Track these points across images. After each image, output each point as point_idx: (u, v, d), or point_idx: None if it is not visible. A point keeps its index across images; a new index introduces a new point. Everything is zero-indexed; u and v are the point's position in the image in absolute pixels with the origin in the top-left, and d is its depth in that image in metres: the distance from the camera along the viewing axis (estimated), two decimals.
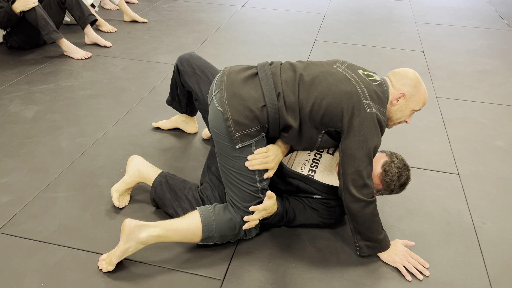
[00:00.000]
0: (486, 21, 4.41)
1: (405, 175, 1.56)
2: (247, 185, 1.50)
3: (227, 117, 1.43)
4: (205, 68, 1.87)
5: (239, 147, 1.46)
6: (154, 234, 1.44)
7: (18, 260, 1.50)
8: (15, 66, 2.96)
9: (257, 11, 4.43)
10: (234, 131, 1.44)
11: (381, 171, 1.55)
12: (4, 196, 1.79)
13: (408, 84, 1.55)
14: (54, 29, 2.99)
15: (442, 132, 2.39)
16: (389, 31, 3.99)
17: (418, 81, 1.56)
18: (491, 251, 1.63)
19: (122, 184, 1.76)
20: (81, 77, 2.86)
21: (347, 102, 1.44)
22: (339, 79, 1.49)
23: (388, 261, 1.55)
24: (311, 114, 1.46)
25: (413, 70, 1.59)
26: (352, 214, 1.48)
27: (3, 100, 2.54)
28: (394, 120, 1.59)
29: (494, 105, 2.71)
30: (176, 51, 3.33)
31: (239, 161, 1.49)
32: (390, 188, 1.57)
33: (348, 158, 1.44)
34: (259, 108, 1.43)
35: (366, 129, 1.43)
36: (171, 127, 2.29)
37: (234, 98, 1.45)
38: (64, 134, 2.22)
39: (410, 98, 1.55)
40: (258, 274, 1.49)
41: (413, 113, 1.59)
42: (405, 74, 1.57)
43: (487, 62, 3.37)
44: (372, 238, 1.51)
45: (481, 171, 2.08)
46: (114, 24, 3.87)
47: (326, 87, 1.46)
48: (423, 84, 1.58)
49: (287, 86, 1.47)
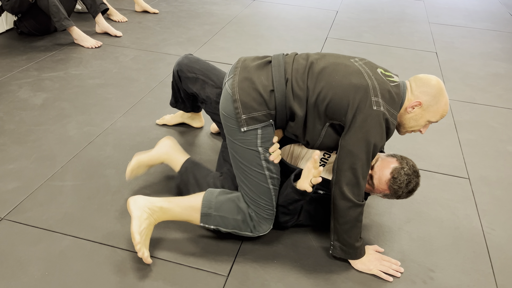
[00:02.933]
0: (501, 24, 4.35)
1: (414, 182, 1.50)
2: (253, 172, 1.47)
3: (235, 98, 1.43)
4: (207, 71, 1.81)
5: (244, 130, 1.44)
6: (157, 204, 1.48)
7: (22, 248, 1.50)
8: (25, 52, 2.95)
9: (269, 6, 4.39)
10: (240, 113, 1.43)
11: (390, 177, 1.49)
12: (11, 182, 1.79)
13: (427, 93, 1.46)
14: (65, 17, 2.98)
15: (453, 135, 2.36)
16: (402, 30, 3.94)
17: (440, 92, 1.47)
18: (499, 257, 1.61)
19: (146, 157, 1.74)
20: (90, 65, 2.85)
21: (354, 95, 1.40)
22: (351, 72, 1.44)
23: (363, 269, 1.51)
24: (316, 103, 1.43)
25: (438, 79, 1.49)
26: (336, 212, 1.44)
27: (12, 86, 2.53)
28: (406, 128, 1.53)
29: (506, 110, 2.67)
30: (187, 43, 3.31)
31: (243, 145, 1.46)
32: (397, 195, 1.52)
33: (345, 153, 1.40)
34: (267, 92, 1.43)
35: (369, 126, 1.38)
36: (176, 122, 2.26)
37: (245, 81, 1.45)
38: (72, 123, 2.22)
39: (427, 108, 1.47)
40: (263, 271, 1.48)
41: (429, 124, 1.51)
42: (427, 81, 1.48)
43: (501, 65, 3.33)
44: (348, 244, 1.47)
45: (491, 176, 2.05)
46: (125, 14, 3.85)
47: (335, 77, 1.43)
48: (446, 95, 1.48)
49: (296, 73, 1.45)
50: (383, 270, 1.50)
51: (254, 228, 1.51)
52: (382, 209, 1.79)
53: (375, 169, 1.51)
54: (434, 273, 1.52)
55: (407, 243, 1.64)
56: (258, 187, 1.48)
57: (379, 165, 1.51)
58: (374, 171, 1.51)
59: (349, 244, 1.47)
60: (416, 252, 1.60)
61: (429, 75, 1.51)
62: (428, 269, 1.53)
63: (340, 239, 1.48)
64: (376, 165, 1.52)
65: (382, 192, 1.53)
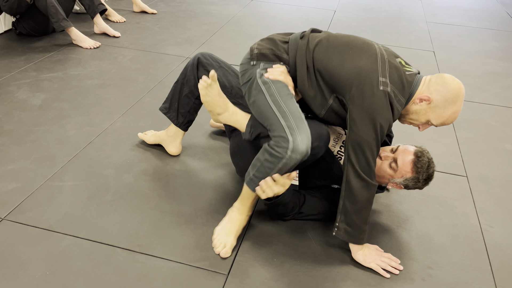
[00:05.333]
0: (498, 22, 4.37)
1: (432, 167, 1.55)
2: (259, 98, 1.48)
3: (253, 48, 1.56)
4: (228, 65, 1.85)
5: (253, 64, 1.53)
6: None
7: (23, 248, 1.50)
8: (24, 53, 2.96)
9: (267, 6, 4.40)
10: (254, 51, 1.55)
11: (413, 157, 1.52)
12: (11, 183, 1.79)
13: (441, 93, 1.42)
14: (63, 17, 2.98)
15: (451, 134, 2.37)
16: (400, 29, 3.96)
17: (455, 98, 1.41)
18: (498, 255, 1.62)
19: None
20: (89, 66, 2.85)
21: (361, 73, 1.41)
22: (365, 49, 1.46)
23: (362, 261, 1.51)
24: (320, 73, 1.48)
25: (461, 86, 1.43)
26: (349, 190, 1.43)
27: (11, 87, 2.53)
28: (407, 118, 1.53)
29: (504, 108, 2.68)
30: (185, 43, 3.31)
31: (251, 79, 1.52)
32: (418, 178, 1.53)
33: (354, 134, 1.41)
34: (282, 42, 1.56)
35: (375, 107, 1.39)
36: (154, 142, 2.06)
37: (265, 39, 1.59)
38: (71, 123, 2.22)
39: (434, 108, 1.44)
40: (262, 270, 1.48)
41: (429, 125, 1.51)
42: (448, 82, 1.42)
43: (498, 64, 3.34)
44: (355, 225, 1.46)
45: (489, 174, 2.06)
46: (124, 14, 3.86)
47: (348, 52, 1.46)
48: (459, 106, 1.43)
49: (314, 38, 1.54)
50: (382, 266, 1.51)
51: (279, 150, 1.38)
52: (381, 208, 1.80)
53: (399, 152, 1.56)
54: (432, 270, 1.53)
55: (406, 240, 1.65)
56: (263, 112, 1.45)
57: (401, 149, 1.56)
58: (398, 153, 1.56)
59: (356, 225, 1.46)
60: (414, 250, 1.61)
61: (455, 78, 1.45)
62: (426, 267, 1.54)
63: (348, 220, 1.46)
64: (399, 149, 1.57)
65: (403, 176, 1.54)
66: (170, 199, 1.76)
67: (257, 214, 1.72)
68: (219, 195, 1.80)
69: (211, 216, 1.69)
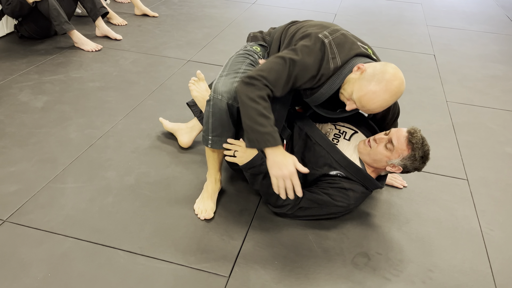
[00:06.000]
0: (498, 26, 4.38)
1: (427, 144, 1.58)
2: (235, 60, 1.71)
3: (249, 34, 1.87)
4: None
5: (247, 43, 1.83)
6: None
7: (25, 250, 1.51)
8: (26, 56, 2.97)
9: (267, 9, 4.41)
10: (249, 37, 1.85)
11: (407, 134, 1.57)
12: (13, 185, 1.80)
13: (374, 69, 1.43)
14: (65, 20, 2.99)
15: (452, 137, 2.38)
16: (400, 33, 3.97)
17: (383, 79, 1.40)
18: (498, 258, 1.62)
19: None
20: (90, 69, 2.86)
21: (310, 29, 1.56)
22: (329, 24, 1.61)
23: (269, 168, 1.44)
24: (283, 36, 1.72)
25: (398, 75, 1.42)
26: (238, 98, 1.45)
27: (13, 90, 2.54)
28: (341, 87, 1.52)
29: (504, 111, 2.69)
30: (186, 46, 3.32)
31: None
32: (414, 155, 1.56)
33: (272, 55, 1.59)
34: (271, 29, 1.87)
35: (304, 45, 1.48)
36: (170, 129, 2.14)
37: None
38: (73, 125, 2.23)
39: (361, 79, 1.44)
40: (263, 272, 1.49)
41: (352, 102, 1.49)
42: (388, 67, 1.43)
43: (498, 67, 3.35)
44: (250, 128, 1.40)
45: (490, 177, 2.07)
46: (125, 17, 3.87)
47: (312, 25, 1.61)
48: (384, 91, 1.40)
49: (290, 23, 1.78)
50: (280, 185, 1.44)
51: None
52: (382, 210, 1.80)
53: (392, 133, 1.61)
54: (433, 273, 1.53)
55: (406, 243, 1.65)
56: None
57: (394, 130, 1.62)
58: (391, 134, 1.60)
59: (251, 128, 1.40)
60: (415, 253, 1.61)
61: (399, 72, 1.44)
62: (427, 270, 1.55)
63: (244, 126, 1.42)
64: (392, 130, 1.62)
65: (400, 155, 1.57)
66: (171, 202, 1.77)
67: (257, 217, 1.72)
68: (220, 197, 1.81)
69: (212, 219, 1.70)
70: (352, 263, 1.55)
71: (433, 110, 2.64)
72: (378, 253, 1.60)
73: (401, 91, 1.45)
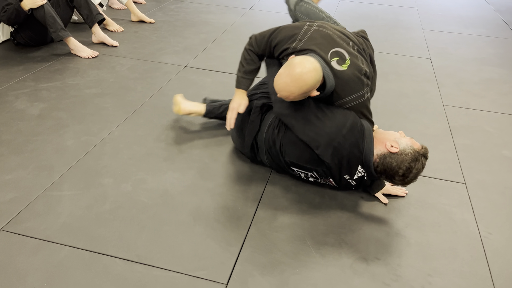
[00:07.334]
0: (494, 29, 4.40)
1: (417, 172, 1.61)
2: None
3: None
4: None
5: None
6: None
7: (21, 258, 1.49)
8: (22, 63, 2.96)
9: (264, 14, 4.42)
10: None
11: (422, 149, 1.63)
12: (9, 193, 1.79)
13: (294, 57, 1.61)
14: (62, 27, 2.99)
15: (449, 140, 2.38)
16: (396, 37, 3.98)
17: (288, 64, 1.57)
18: (497, 261, 1.61)
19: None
20: (87, 75, 2.86)
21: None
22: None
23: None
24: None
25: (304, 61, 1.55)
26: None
27: (9, 97, 2.53)
28: None
29: (501, 115, 2.69)
30: (183, 52, 3.33)
31: None
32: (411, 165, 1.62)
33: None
34: None
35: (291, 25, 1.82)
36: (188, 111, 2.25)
37: None
38: (70, 133, 2.22)
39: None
40: (262, 279, 1.48)
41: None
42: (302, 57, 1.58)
43: (495, 70, 3.36)
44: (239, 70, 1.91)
45: (487, 181, 2.07)
46: (122, 24, 3.88)
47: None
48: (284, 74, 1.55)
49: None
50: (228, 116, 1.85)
51: None
52: (380, 215, 1.80)
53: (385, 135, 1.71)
54: (432, 277, 1.53)
55: (405, 248, 1.65)
56: None
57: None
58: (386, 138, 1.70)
59: (237, 69, 1.93)
60: (414, 257, 1.60)
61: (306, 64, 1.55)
62: (426, 274, 1.54)
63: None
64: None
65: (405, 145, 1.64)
66: (168, 208, 1.76)
67: (255, 223, 1.72)
68: (218, 203, 1.80)
69: (210, 225, 1.69)
70: (351, 268, 1.54)
71: (430, 114, 2.64)
72: (377, 258, 1.59)
73: (304, 79, 1.52)
